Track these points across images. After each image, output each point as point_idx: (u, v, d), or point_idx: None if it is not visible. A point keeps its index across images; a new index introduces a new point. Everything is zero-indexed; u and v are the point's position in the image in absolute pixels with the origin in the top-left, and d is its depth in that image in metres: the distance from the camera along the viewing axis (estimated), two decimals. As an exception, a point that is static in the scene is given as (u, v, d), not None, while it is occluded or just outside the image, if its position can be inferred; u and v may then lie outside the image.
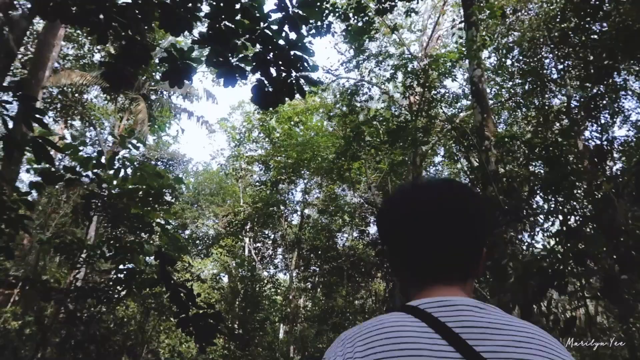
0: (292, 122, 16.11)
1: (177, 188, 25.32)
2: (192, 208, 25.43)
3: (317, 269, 20.46)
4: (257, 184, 19.54)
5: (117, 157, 6.11)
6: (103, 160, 6.27)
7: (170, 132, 21.74)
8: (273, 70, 4.82)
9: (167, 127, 20.61)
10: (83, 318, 5.13)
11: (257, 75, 4.85)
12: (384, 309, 17.82)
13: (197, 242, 26.98)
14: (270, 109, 4.96)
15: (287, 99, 4.86)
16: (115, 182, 6.28)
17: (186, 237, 25.73)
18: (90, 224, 5.53)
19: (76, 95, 18.25)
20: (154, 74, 14.97)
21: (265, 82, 4.82)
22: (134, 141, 6.42)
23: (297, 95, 4.92)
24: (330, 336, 15.28)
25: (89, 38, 19.48)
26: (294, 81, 4.71)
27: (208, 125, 16.64)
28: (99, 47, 18.65)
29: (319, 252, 20.96)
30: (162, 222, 7.22)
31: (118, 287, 5.07)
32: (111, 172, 6.44)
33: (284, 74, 4.72)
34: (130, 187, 6.69)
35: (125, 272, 5.11)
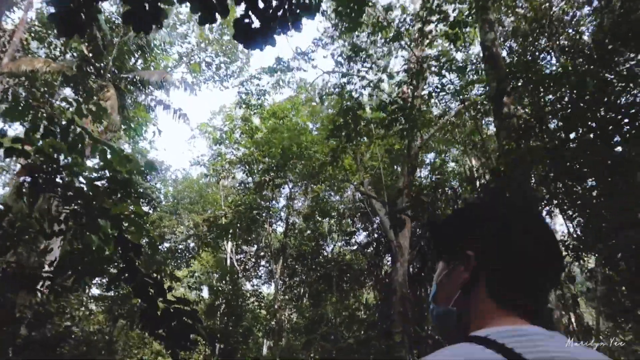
0: (276, 119, 15.19)
1: (155, 197, 24.12)
2: (172, 217, 24.13)
3: (304, 276, 19.40)
4: (239, 187, 18.47)
5: (72, 126, 5.09)
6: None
7: (147, 136, 20.54)
8: (260, 1, 3.92)
9: (144, 130, 19.47)
10: (23, 318, 4.06)
11: (242, 7, 3.96)
12: (372, 318, 16.85)
13: (177, 254, 25.70)
14: (257, 50, 4.00)
15: (278, 34, 3.93)
16: (70, 158, 5.26)
17: (165, 250, 24.45)
18: (36, 202, 4.46)
19: (46, 96, 17.05)
20: (125, 60, 13.90)
21: (251, 15, 3.91)
22: (93, 109, 5.38)
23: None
24: (319, 345, 14.15)
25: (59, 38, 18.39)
26: (287, 10, 3.80)
27: (186, 119, 15.59)
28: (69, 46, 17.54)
29: (306, 260, 19.95)
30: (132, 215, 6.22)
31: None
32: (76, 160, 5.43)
33: (275, 3, 3.81)
34: (93, 174, 5.67)
35: (71, 255, 4.05)
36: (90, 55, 13.40)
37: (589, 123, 5.38)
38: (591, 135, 5.03)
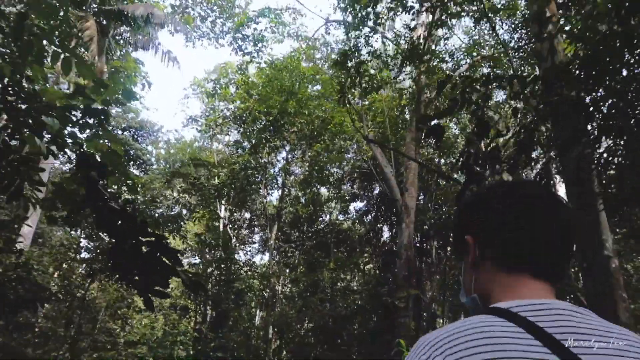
0: (274, 70, 14.17)
1: (146, 159, 23.12)
2: (163, 180, 23.21)
3: (299, 243, 18.67)
4: (233, 147, 17.48)
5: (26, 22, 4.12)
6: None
7: (136, 90, 19.38)
8: None
9: (133, 85, 18.33)
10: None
11: None
12: (369, 287, 16.25)
13: (170, 218, 24.96)
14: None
15: None
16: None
17: (157, 215, 23.65)
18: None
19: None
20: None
21: None
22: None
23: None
24: (316, 309, 13.41)
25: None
26: None
27: (176, 62, 14.54)
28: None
29: (302, 226, 19.20)
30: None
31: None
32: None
33: None
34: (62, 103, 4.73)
35: None
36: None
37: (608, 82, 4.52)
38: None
